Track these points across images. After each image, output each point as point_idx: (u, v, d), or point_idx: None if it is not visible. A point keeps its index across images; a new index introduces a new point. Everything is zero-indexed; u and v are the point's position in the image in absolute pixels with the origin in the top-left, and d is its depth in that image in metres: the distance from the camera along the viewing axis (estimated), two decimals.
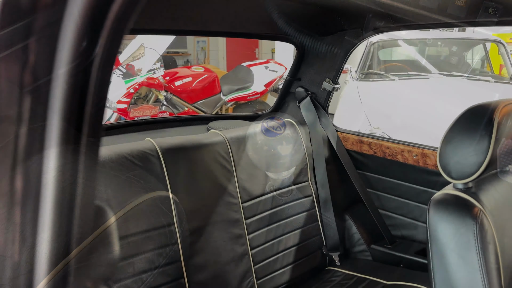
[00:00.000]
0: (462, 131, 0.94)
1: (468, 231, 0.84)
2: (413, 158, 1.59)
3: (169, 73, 4.03)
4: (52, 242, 0.27)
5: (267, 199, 1.50)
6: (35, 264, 0.27)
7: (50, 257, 0.27)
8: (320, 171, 1.67)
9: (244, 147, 1.50)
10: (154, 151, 1.28)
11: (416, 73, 3.73)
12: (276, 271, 1.46)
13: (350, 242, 1.69)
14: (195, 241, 1.28)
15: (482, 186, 0.96)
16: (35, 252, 0.27)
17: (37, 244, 0.27)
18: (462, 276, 0.82)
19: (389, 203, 1.69)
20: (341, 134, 1.78)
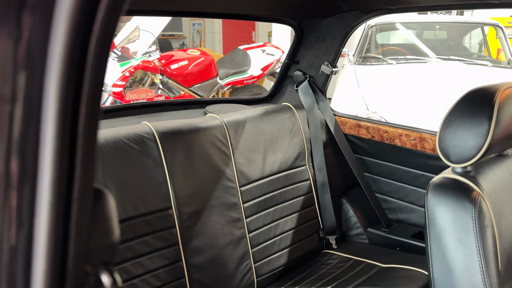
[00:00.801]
0: (462, 115, 0.94)
1: (466, 215, 0.84)
2: (411, 142, 1.59)
3: (164, 56, 3.98)
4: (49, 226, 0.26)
5: (265, 183, 1.50)
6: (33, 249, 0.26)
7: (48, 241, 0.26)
8: (317, 155, 1.67)
9: (242, 131, 1.49)
10: (151, 135, 1.27)
11: (413, 57, 3.70)
12: (274, 254, 1.47)
13: (347, 225, 1.70)
14: (193, 225, 1.28)
15: (480, 170, 0.96)
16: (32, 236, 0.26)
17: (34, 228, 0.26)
18: (460, 259, 0.83)
19: (386, 187, 1.70)
20: (339, 118, 1.77)
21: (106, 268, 0.28)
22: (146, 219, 1.19)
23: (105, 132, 1.23)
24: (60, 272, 0.26)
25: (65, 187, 0.27)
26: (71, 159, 0.27)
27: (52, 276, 0.26)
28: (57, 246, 0.27)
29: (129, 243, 1.15)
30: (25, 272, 0.26)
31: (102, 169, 1.15)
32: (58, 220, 0.27)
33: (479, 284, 0.79)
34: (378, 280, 1.35)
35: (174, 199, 1.25)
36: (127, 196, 1.17)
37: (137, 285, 1.14)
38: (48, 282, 0.26)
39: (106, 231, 0.29)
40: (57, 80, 0.25)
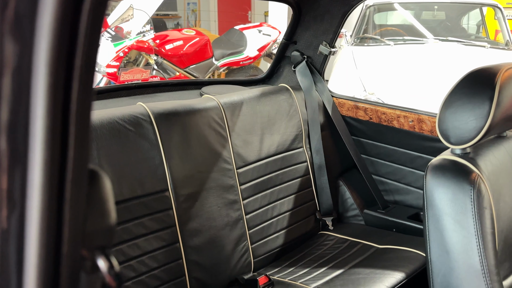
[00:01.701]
0: (462, 96, 0.93)
1: (465, 196, 0.84)
2: (409, 124, 1.58)
3: (159, 36, 3.91)
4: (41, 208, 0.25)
5: (262, 165, 1.49)
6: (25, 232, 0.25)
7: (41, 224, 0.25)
8: (315, 137, 1.66)
9: (239, 113, 1.47)
10: (146, 116, 1.25)
11: (411, 38, 3.67)
12: (270, 236, 1.47)
13: (343, 207, 1.71)
14: (190, 207, 1.27)
15: (480, 151, 0.96)
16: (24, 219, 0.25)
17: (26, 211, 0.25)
18: (458, 240, 0.83)
19: (383, 168, 1.70)
20: (337, 100, 1.75)
21: (103, 252, 0.27)
22: (143, 201, 1.18)
23: (99, 113, 1.21)
24: (55, 256, 0.25)
25: (58, 168, 0.26)
26: (64, 138, 0.25)
27: (46, 260, 0.25)
28: (50, 230, 0.25)
29: (126, 225, 1.14)
30: (17, 256, 0.25)
31: (97, 150, 1.13)
32: (51, 202, 0.25)
33: (476, 265, 0.80)
34: (375, 261, 1.36)
35: (170, 181, 1.24)
36: (123, 178, 1.15)
37: (134, 267, 1.14)
38: (42, 267, 0.25)
39: (102, 214, 0.28)
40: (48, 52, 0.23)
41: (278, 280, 1.33)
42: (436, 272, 0.85)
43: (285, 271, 1.39)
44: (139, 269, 1.15)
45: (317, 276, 1.32)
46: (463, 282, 0.80)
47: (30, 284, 0.25)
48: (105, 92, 1.53)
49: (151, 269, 1.17)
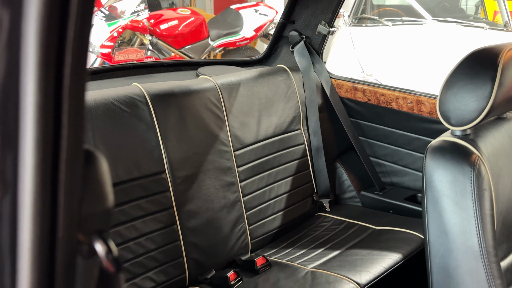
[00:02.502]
0: (464, 76, 0.91)
1: (465, 178, 0.83)
2: (408, 106, 1.57)
3: (153, 15, 3.84)
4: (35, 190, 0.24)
5: (259, 147, 1.48)
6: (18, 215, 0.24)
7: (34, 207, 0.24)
8: (312, 119, 1.64)
9: (236, 94, 1.45)
10: (142, 97, 1.23)
11: (409, 19, 3.62)
12: (268, 217, 1.47)
13: (340, 188, 1.71)
14: (187, 189, 1.27)
15: (480, 133, 0.95)
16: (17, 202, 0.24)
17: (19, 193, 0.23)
18: (456, 222, 0.83)
19: (381, 150, 1.69)
20: (335, 81, 1.73)
21: (100, 236, 0.26)
22: (140, 183, 1.17)
23: (94, 93, 1.19)
24: (50, 241, 0.24)
25: (52, 148, 0.24)
26: (57, 116, 0.24)
27: (40, 245, 0.24)
28: (45, 213, 0.24)
29: (123, 207, 1.13)
30: (11, 241, 0.24)
31: (92, 131, 1.12)
32: (45, 184, 0.24)
33: (474, 246, 0.80)
34: (371, 242, 1.37)
35: (167, 163, 1.23)
36: (119, 159, 1.14)
37: (132, 248, 1.14)
38: (36, 251, 0.24)
39: (98, 196, 0.27)
40: (38, 22, 0.21)
41: (275, 261, 1.34)
42: (434, 254, 0.85)
43: (283, 252, 1.40)
44: (137, 251, 1.15)
45: (314, 257, 1.33)
46: (461, 263, 0.80)
47: (25, 269, 0.24)
48: (100, 73, 1.50)
49: (148, 250, 1.17)
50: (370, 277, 1.19)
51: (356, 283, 1.17)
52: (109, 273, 0.25)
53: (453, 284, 0.81)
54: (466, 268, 0.80)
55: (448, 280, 0.82)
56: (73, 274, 0.25)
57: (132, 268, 1.13)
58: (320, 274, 1.22)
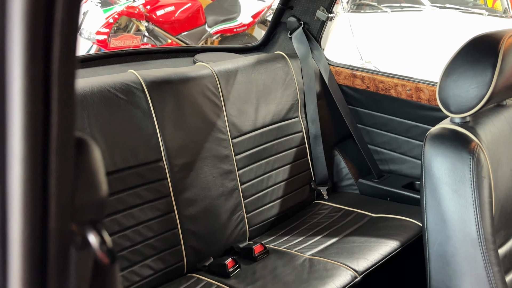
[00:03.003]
0: (464, 63, 0.90)
1: (464, 166, 0.83)
2: (407, 93, 1.55)
3: (150, 1, 3.78)
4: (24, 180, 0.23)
5: (257, 135, 1.47)
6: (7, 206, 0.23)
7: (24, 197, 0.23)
8: (311, 106, 1.63)
9: (233, 81, 1.43)
10: (138, 84, 1.21)
11: (408, 5, 3.58)
12: (266, 205, 1.47)
13: (338, 176, 1.71)
14: (185, 177, 1.26)
15: (479, 120, 0.94)
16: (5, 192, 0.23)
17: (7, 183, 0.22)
18: (455, 209, 0.82)
19: (379, 138, 1.69)
20: (334, 68, 1.71)
21: (94, 227, 0.25)
22: (137, 171, 1.16)
23: (89, 80, 1.17)
24: (41, 232, 0.23)
25: (41, 136, 0.23)
26: (46, 103, 0.23)
27: (31, 236, 0.23)
28: (35, 204, 0.23)
29: (120, 195, 1.13)
30: (1, 232, 0.23)
31: (88, 119, 1.10)
32: (35, 174, 0.23)
33: (473, 234, 0.80)
34: (369, 229, 1.37)
35: (164, 151, 1.22)
36: (115, 147, 1.13)
37: (129, 236, 1.14)
38: (28, 243, 0.23)
39: (92, 186, 0.26)
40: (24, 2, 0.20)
41: (273, 248, 1.34)
42: (432, 241, 0.85)
43: (280, 239, 1.40)
44: (134, 239, 1.14)
45: (312, 245, 1.34)
46: (459, 251, 0.81)
47: (16, 261, 0.23)
48: (95, 59, 1.48)
49: (146, 238, 1.17)
50: (367, 264, 1.20)
51: (354, 270, 1.18)
52: (103, 264, 0.25)
53: (450, 271, 0.81)
54: (464, 256, 0.80)
55: (446, 267, 0.82)
56: (66, 265, 0.24)
57: (130, 255, 1.13)
58: (318, 261, 1.22)
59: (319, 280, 1.13)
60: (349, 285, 1.14)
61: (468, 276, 0.79)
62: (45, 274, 0.23)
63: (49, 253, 0.23)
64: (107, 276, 0.25)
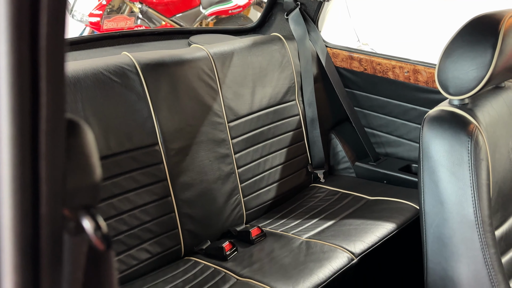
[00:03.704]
0: (464, 44, 0.89)
1: (462, 148, 0.83)
2: (404, 75, 1.54)
3: None
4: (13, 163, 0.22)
5: (253, 118, 1.46)
6: None
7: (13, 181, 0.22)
8: (307, 89, 1.61)
9: (229, 64, 1.41)
10: (132, 66, 1.19)
11: None
12: (262, 189, 1.47)
13: (334, 160, 1.70)
14: (181, 161, 1.25)
15: (478, 102, 0.93)
16: None
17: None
18: (453, 192, 0.82)
19: (376, 121, 1.68)
20: (331, 50, 1.69)
21: (88, 212, 0.24)
22: (132, 155, 1.15)
23: (82, 63, 1.15)
24: (32, 217, 0.22)
25: (30, 117, 0.22)
26: (34, 82, 0.21)
27: (22, 222, 0.22)
28: (25, 188, 0.22)
29: (116, 179, 1.12)
30: None
31: (82, 102, 1.09)
32: (24, 157, 0.22)
33: (470, 216, 0.80)
34: (365, 212, 1.38)
35: (160, 134, 1.21)
36: (110, 131, 1.12)
37: (126, 220, 1.14)
38: (18, 229, 0.22)
39: (84, 170, 0.25)
40: None
41: (270, 231, 1.34)
42: (429, 223, 0.86)
43: (277, 222, 1.41)
44: (131, 223, 1.14)
45: (309, 227, 1.34)
46: (456, 233, 0.81)
47: (7, 248, 0.22)
48: (88, 42, 1.45)
49: (143, 222, 1.16)
50: (364, 247, 1.21)
51: (351, 252, 1.19)
52: (98, 250, 0.24)
53: (447, 253, 0.82)
54: (461, 237, 0.81)
55: (442, 249, 0.83)
56: (59, 252, 0.23)
57: (127, 239, 1.13)
58: (315, 244, 1.23)
59: (316, 262, 1.14)
60: (346, 267, 1.15)
61: (465, 258, 0.80)
62: (37, 261, 0.22)
63: (41, 239, 0.22)
64: (103, 263, 0.24)
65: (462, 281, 0.80)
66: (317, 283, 1.08)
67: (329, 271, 1.12)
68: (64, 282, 0.24)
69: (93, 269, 0.24)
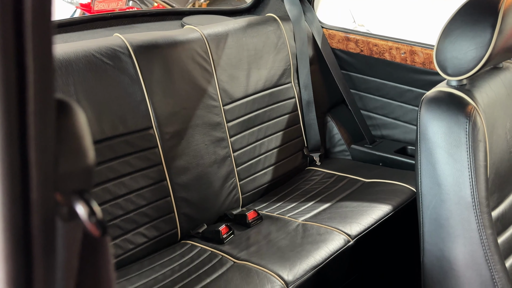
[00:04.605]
0: (463, 24, 0.87)
1: (460, 129, 0.82)
2: (401, 56, 1.52)
3: None
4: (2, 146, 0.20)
5: (249, 101, 1.44)
6: None
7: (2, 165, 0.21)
8: (303, 71, 1.59)
9: (224, 45, 1.39)
10: (124, 48, 1.16)
11: None
12: (258, 172, 1.47)
13: (330, 142, 1.70)
14: (176, 145, 1.24)
15: (476, 83, 0.92)
16: None
17: None
18: (450, 173, 0.82)
19: (372, 103, 1.67)
20: (327, 31, 1.67)
21: (81, 197, 0.23)
22: (126, 139, 1.14)
23: (74, 45, 1.12)
24: (22, 203, 0.21)
25: (16, 96, 0.20)
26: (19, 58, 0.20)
27: (12, 207, 0.21)
28: (14, 172, 0.21)
29: (110, 163, 1.11)
30: None
31: (74, 86, 1.06)
32: (11, 139, 0.21)
33: (467, 197, 0.80)
34: (361, 194, 1.38)
35: (154, 118, 1.19)
36: (103, 115, 1.10)
37: (122, 205, 1.13)
38: (8, 215, 0.21)
39: (76, 153, 0.23)
40: None
41: (266, 214, 1.34)
42: (426, 205, 0.86)
43: (273, 206, 1.41)
44: (127, 207, 1.14)
45: (305, 210, 1.34)
46: (453, 214, 0.81)
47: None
48: (79, 24, 1.42)
49: (139, 206, 1.16)
50: (360, 229, 1.21)
51: (347, 234, 1.19)
52: (93, 237, 0.23)
53: (444, 234, 0.82)
54: (458, 218, 0.81)
55: (439, 230, 0.83)
56: (52, 238, 0.22)
57: (123, 224, 1.13)
58: (311, 226, 1.23)
59: (313, 245, 1.14)
60: (342, 249, 1.15)
61: (462, 239, 0.80)
62: (29, 249, 0.21)
63: (33, 226, 0.21)
64: (99, 249, 0.24)
65: (458, 261, 0.81)
66: (313, 265, 1.09)
67: (326, 253, 1.12)
68: (59, 269, 0.23)
69: (88, 255, 0.23)
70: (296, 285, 1.04)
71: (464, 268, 0.80)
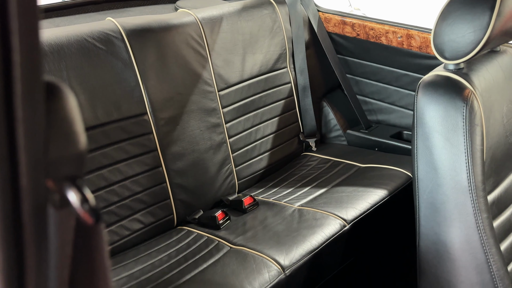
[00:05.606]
0: (461, 6, 0.86)
1: (457, 113, 0.82)
2: (397, 40, 1.51)
3: None
4: None
5: (244, 87, 1.43)
6: None
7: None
8: (299, 56, 1.58)
9: (218, 29, 1.36)
10: (117, 33, 1.14)
11: None
12: (254, 158, 1.46)
13: (326, 128, 1.69)
14: (171, 131, 1.23)
15: (473, 66, 0.92)
16: None
17: None
18: (447, 158, 0.82)
19: (368, 88, 1.66)
20: (323, 15, 1.64)
21: (73, 184, 0.22)
22: (121, 125, 1.13)
23: (65, 30, 1.10)
24: (12, 190, 0.20)
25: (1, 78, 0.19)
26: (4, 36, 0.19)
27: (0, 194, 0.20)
28: (1, 158, 0.20)
29: (105, 150, 1.10)
30: None
31: (66, 71, 1.05)
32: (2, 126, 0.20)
33: (463, 181, 0.80)
34: (357, 179, 1.38)
35: (148, 104, 1.18)
36: (97, 100, 1.08)
37: (117, 191, 1.12)
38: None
39: (67, 137, 0.23)
40: None
41: (262, 200, 1.34)
42: (422, 189, 0.86)
43: (269, 191, 1.41)
44: (122, 194, 1.13)
45: (301, 195, 1.34)
46: (449, 198, 0.81)
47: None
48: (71, 8, 1.39)
49: (134, 193, 1.15)
50: (356, 213, 1.22)
51: (343, 219, 1.20)
52: (87, 224, 0.22)
53: (440, 218, 0.82)
54: (454, 203, 0.81)
55: (435, 215, 0.83)
56: (44, 226, 0.21)
57: (119, 210, 1.12)
58: (307, 211, 1.24)
59: (309, 229, 1.15)
60: (338, 233, 1.16)
61: (457, 223, 0.81)
62: (21, 237, 0.20)
63: (23, 213, 0.20)
64: (92, 236, 0.23)
65: (454, 245, 0.81)
66: (310, 249, 1.09)
67: (322, 238, 1.13)
68: (52, 258, 0.22)
69: (82, 243, 0.23)
70: (292, 270, 1.05)
71: (459, 251, 0.81)
